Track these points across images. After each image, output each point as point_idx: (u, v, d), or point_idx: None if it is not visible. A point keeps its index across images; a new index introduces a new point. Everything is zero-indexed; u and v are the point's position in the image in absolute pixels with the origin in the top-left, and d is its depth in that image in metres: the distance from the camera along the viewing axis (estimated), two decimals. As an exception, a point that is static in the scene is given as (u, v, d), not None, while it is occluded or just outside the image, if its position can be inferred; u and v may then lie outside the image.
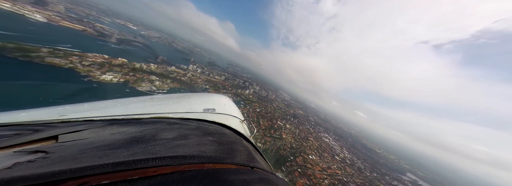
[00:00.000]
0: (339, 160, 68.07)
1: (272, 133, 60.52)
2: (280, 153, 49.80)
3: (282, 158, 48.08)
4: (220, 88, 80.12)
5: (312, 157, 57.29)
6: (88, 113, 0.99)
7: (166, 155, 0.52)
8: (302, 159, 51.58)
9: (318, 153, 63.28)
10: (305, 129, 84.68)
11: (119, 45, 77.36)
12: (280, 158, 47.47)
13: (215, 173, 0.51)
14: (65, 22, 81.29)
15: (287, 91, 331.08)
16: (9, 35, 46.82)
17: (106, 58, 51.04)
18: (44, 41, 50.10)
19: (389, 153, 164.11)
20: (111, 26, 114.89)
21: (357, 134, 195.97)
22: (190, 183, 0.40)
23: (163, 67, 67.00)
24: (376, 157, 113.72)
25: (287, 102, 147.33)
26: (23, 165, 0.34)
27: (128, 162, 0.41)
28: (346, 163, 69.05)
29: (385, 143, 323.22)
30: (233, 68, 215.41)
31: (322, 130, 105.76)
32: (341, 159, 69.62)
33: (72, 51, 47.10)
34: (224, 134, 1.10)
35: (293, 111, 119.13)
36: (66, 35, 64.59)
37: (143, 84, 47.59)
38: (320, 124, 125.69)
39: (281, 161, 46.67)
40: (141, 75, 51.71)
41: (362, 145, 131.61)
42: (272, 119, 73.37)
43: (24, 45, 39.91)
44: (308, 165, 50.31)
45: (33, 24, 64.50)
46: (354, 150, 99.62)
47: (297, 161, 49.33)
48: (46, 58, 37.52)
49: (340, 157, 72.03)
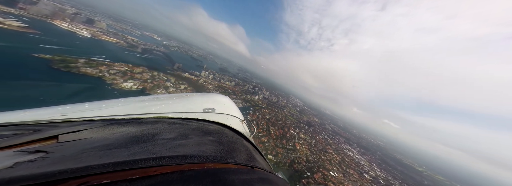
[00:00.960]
0: (370, 179, 58.55)
1: (284, 143, 55.09)
2: (294, 167, 44.27)
3: (297, 173, 42.48)
4: (230, 94, 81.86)
5: (334, 173, 50.31)
6: (88, 113, 0.99)
7: (167, 155, 0.52)
8: (321, 175, 45.34)
9: (342, 169, 55.43)
10: (322, 139, 77.94)
11: (142, 55, 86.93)
12: (295, 174, 42.09)
13: (215, 172, 0.51)
14: (104, 36, 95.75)
15: (300, 96, 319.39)
16: (59, 49, 57.10)
17: (130, 66, 57.54)
18: (84, 53, 59.53)
19: (435, 172, 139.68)
20: (139, 38, 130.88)
21: (386, 146, 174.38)
22: (191, 182, 0.40)
23: (178, 74, 72.05)
24: (418, 177, 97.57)
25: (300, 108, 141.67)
26: (24, 165, 0.34)
27: (129, 162, 0.41)
28: (380, 183, 59.22)
29: (427, 159, 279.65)
30: (243, 73, 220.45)
31: (342, 141, 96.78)
32: (372, 178, 59.82)
33: (104, 61, 54.48)
34: (224, 133, 1.10)
35: (307, 118, 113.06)
36: (103, 48, 75.63)
37: (158, 91, 51.70)
38: (340, 134, 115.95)
39: (296, 177, 40.98)
40: (157, 82, 56.52)
41: (395, 160, 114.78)
42: (283, 127, 69.11)
43: (67, 57, 47.97)
44: (330, 183, 43.43)
45: (79, 39, 77.56)
46: (386, 166, 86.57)
47: (315, 177, 43.08)
48: (81, 68, 44.17)
49: (371, 175, 61.91)
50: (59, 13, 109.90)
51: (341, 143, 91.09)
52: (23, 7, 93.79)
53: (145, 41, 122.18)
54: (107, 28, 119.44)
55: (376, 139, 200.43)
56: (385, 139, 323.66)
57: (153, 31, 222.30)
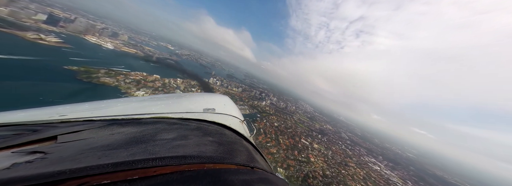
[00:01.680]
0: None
1: (296, 154, 49.63)
2: (309, 183, 39.63)
3: (313, 190, 36.50)
4: (237, 100, 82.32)
5: (359, 192, 43.35)
6: (88, 113, 0.98)
7: (166, 155, 0.52)
8: (344, 194, 39.10)
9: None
10: (340, 150, 69.97)
11: (156, 64, 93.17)
12: (310, 190, 36.01)
13: (215, 173, 0.51)
14: (125, 48, 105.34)
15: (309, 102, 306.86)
16: (85, 61, 63.90)
17: (144, 75, 61.72)
18: (106, 64, 65.70)
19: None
20: (155, 48, 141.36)
21: (419, 160, 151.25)
22: (190, 183, 0.40)
23: (187, 82, 75.16)
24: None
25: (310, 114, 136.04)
26: (22, 166, 0.34)
27: (128, 162, 0.41)
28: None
29: (479, 177, 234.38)
30: (249, 79, 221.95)
31: (364, 152, 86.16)
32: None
33: (121, 71, 59.34)
34: (224, 134, 1.09)
35: (320, 126, 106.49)
36: (122, 58, 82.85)
37: (167, 98, 54.20)
38: (359, 143, 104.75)
39: (312, 194, 35.07)
40: (168, 90, 59.43)
41: (436, 178, 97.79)
42: (294, 135, 63.80)
43: (90, 68, 53.26)
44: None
45: (103, 51, 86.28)
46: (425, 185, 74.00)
47: (336, 195, 37.26)
48: (101, 78, 48.50)
49: (409, 196, 51.61)
50: (91, 29, 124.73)
51: (363, 154, 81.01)
52: (63, 25, 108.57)
53: (160, 51, 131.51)
54: (128, 40, 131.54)
55: (404, 150, 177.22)
56: (416, 150, 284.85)
57: (167, 41, 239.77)
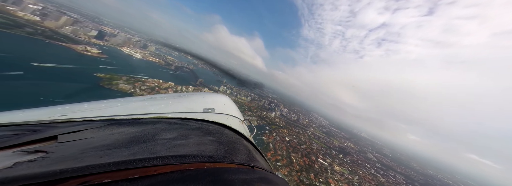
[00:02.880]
0: None
1: (312, 178, 40.32)
2: None
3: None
4: (245, 110, 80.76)
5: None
6: (88, 113, 0.99)
7: (167, 155, 0.53)
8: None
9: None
10: (368, 176, 55.99)
11: (173, 71, 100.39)
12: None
13: (215, 172, 0.51)
14: (151, 57, 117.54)
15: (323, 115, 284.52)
16: (114, 69, 72.44)
17: (159, 82, 66.14)
18: (131, 71, 73.15)
19: None
20: (176, 57, 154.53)
21: None
22: (191, 182, 0.40)
23: (199, 89, 77.75)
24: None
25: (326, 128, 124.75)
26: (24, 165, 0.34)
27: (129, 161, 0.41)
28: None
29: None
30: (259, 88, 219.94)
31: (402, 180, 69.13)
32: None
33: (141, 78, 64.82)
34: (224, 133, 1.11)
35: (339, 143, 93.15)
36: (146, 66, 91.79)
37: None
38: (392, 168, 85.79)
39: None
40: (178, 97, 61.99)
41: None
42: (309, 153, 54.12)
43: (114, 75, 59.57)
44: None
45: (131, 60, 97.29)
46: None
47: None
48: (120, 85, 53.34)
49: None
50: (127, 42, 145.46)
51: (401, 183, 65.11)
52: (107, 39, 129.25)
53: (180, 60, 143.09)
54: (155, 51, 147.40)
55: (457, 181, 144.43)
56: (473, 181, 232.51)
57: (187, 52, 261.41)
